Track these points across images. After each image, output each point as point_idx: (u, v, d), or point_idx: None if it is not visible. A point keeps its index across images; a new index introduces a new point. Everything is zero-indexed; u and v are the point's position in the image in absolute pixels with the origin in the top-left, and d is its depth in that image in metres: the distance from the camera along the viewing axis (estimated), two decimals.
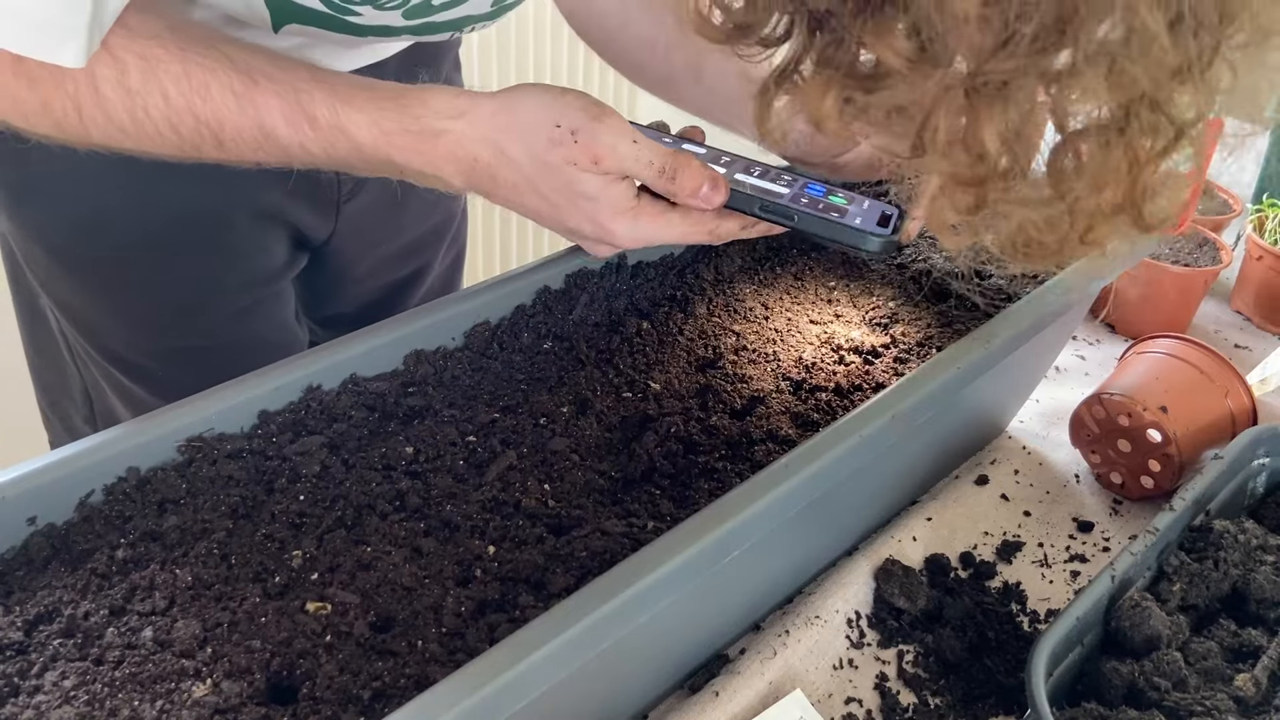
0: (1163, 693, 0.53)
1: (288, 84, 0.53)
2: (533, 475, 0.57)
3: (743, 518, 0.47)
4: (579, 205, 0.56)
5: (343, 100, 0.53)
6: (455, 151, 0.54)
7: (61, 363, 0.85)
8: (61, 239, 0.73)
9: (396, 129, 0.53)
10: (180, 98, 0.52)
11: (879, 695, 0.62)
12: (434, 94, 0.54)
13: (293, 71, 0.53)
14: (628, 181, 0.56)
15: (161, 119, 0.52)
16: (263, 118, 0.53)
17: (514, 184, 0.55)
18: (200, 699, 0.44)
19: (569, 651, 0.41)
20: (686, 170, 0.55)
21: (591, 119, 0.53)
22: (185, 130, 0.53)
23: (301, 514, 0.54)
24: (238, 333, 0.81)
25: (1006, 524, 0.75)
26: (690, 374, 0.66)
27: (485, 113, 0.54)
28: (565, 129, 0.53)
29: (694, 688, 0.60)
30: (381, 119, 0.53)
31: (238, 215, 0.74)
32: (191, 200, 0.70)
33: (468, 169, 0.55)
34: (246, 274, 0.79)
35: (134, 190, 0.70)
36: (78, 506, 0.52)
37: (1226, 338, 0.99)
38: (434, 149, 0.54)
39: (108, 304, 0.77)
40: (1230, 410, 0.75)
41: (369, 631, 0.48)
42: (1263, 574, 0.61)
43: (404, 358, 0.63)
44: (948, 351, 0.60)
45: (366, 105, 0.53)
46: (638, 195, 0.56)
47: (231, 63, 0.52)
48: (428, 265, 0.96)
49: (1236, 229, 1.08)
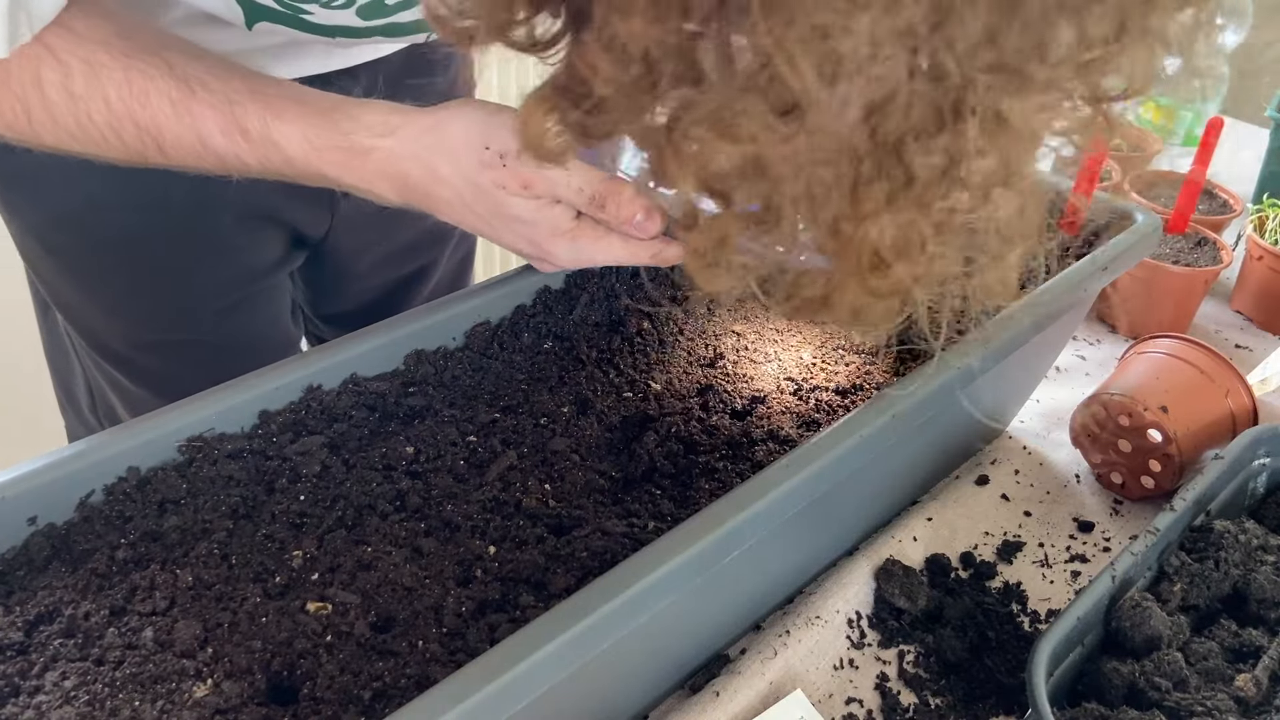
0: (1163, 693, 0.53)
1: (223, 94, 0.52)
2: (533, 475, 0.57)
3: (743, 518, 0.47)
4: (514, 228, 0.55)
5: (274, 113, 0.53)
6: (385, 169, 0.53)
7: (69, 352, 0.85)
8: (49, 229, 0.74)
9: (327, 144, 0.53)
10: (121, 104, 0.52)
11: (879, 695, 0.62)
12: (366, 110, 0.54)
13: (230, 81, 0.53)
14: (563, 205, 0.54)
15: (105, 124, 0.52)
16: (199, 127, 0.52)
17: (449, 201, 0.54)
18: (201, 699, 0.44)
19: (569, 651, 0.41)
20: (617, 199, 0.53)
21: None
22: (128, 137, 0.53)
23: (302, 514, 0.54)
24: (226, 328, 0.81)
25: (1007, 524, 0.75)
26: (691, 374, 0.66)
27: (415, 131, 0.53)
28: (494, 151, 0.52)
29: (694, 688, 0.60)
30: (312, 134, 0.53)
31: (225, 210, 0.74)
32: (177, 194, 0.70)
33: (400, 186, 0.54)
34: (235, 269, 0.79)
35: (119, 182, 0.69)
36: (78, 506, 0.52)
37: (1227, 338, 0.99)
38: (364, 166, 0.53)
39: (95, 295, 0.77)
40: (1231, 410, 0.75)
41: (369, 631, 0.48)
42: (1263, 574, 0.61)
43: (404, 358, 0.63)
44: (948, 352, 0.60)
45: (297, 119, 0.53)
46: (577, 216, 0.55)
47: (171, 70, 0.52)
48: (433, 263, 0.96)
49: (1237, 229, 1.08)
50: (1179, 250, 0.96)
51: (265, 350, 0.84)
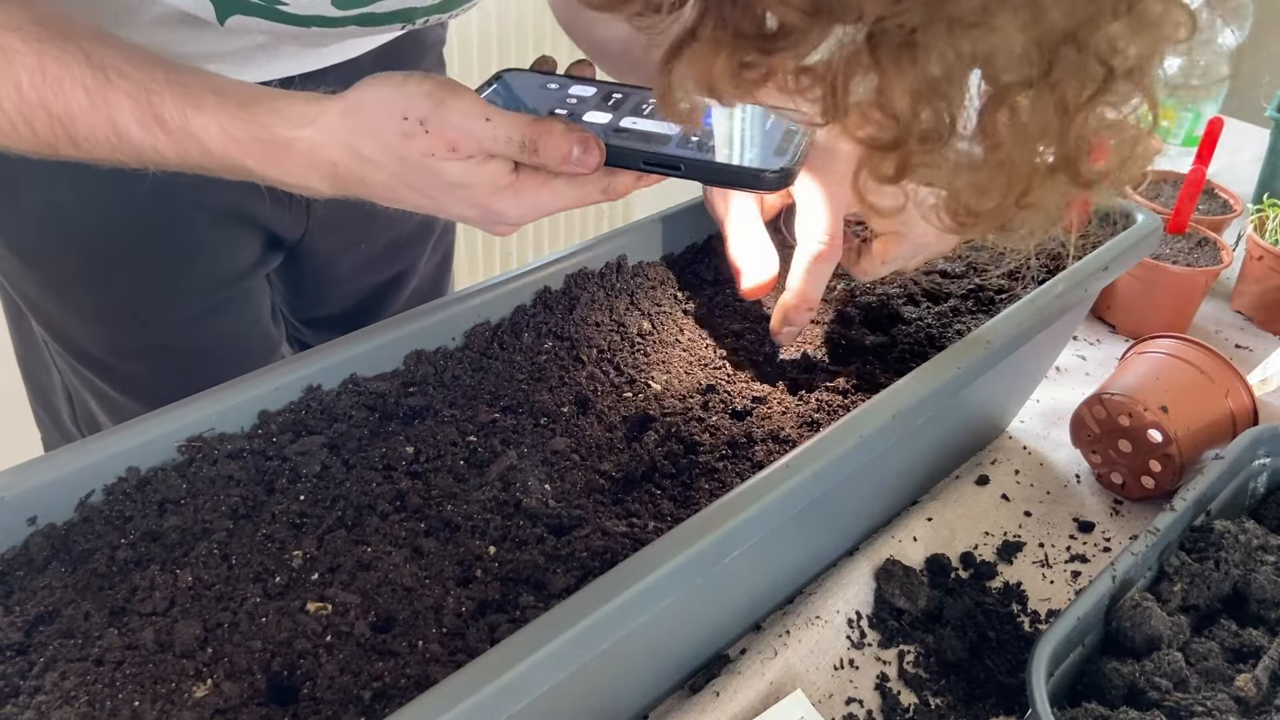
0: (1163, 693, 0.53)
1: (140, 83, 0.50)
2: (533, 475, 0.57)
3: (743, 518, 0.47)
4: (454, 194, 0.53)
5: (192, 104, 0.51)
6: (310, 159, 0.52)
7: (47, 361, 0.85)
8: (22, 235, 0.73)
9: (247, 138, 0.51)
10: (33, 91, 0.50)
11: (880, 695, 0.62)
12: (284, 100, 0.52)
13: (149, 70, 0.51)
14: (498, 159, 0.52)
15: (15, 112, 0.51)
16: (114, 117, 0.51)
17: (384, 183, 0.52)
18: (200, 699, 0.44)
19: (569, 651, 0.41)
20: (548, 139, 0.51)
21: (436, 104, 0.49)
22: (39, 126, 0.51)
23: (302, 514, 0.54)
24: (204, 332, 0.80)
25: (1007, 524, 0.75)
26: (691, 374, 0.66)
27: (334, 116, 0.51)
28: (413, 119, 0.50)
29: (694, 688, 0.60)
30: (230, 125, 0.51)
31: (198, 213, 0.74)
32: (148, 198, 0.68)
33: (330, 175, 0.52)
34: (210, 273, 0.78)
35: (89, 187, 0.69)
36: (78, 506, 0.52)
37: (1227, 338, 0.99)
38: (287, 158, 0.52)
39: (70, 302, 0.77)
40: (1231, 410, 0.75)
41: (369, 631, 0.48)
42: (1263, 574, 0.61)
43: (404, 358, 0.63)
44: (948, 351, 0.60)
45: (216, 111, 0.51)
46: (515, 169, 0.53)
47: (87, 58, 0.50)
48: (411, 268, 0.96)
49: (1237, 229, 1.08)
50: (1179, 250, 0.96)
51: (247, 353, 0.84)
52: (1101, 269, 0.68)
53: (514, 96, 0.58)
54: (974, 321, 0.71)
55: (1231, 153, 1.33)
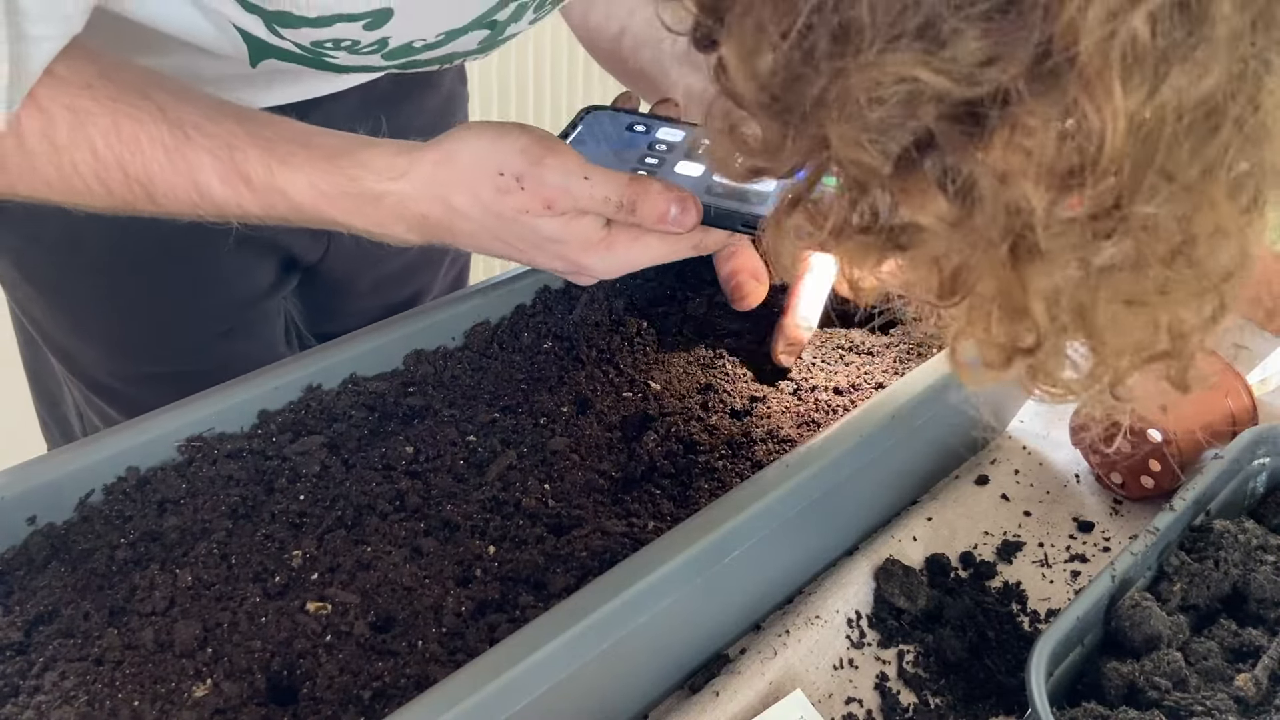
0: (1163, 693, 0.53)
1: (221, 139, 0.50)
2: (533, 475, 0.57)
3: (743, 518, 0.47)
4: (546, 249, 0.53)
5: (279, 160, 0.50)
6: (401, 212, 0.51)
7: (57, 374, 0.84)
8: (34, 261, 0.72)
9: (335, 191, 0.51)
10: (109, 151, 0.49)
11: (879, 695, 0.62)
12: (372, 153, 0.51)
13: (227, 124, 0.50)
14: (591, 215, 0.52)
15: (90, 174, 0.49)
16: (196, 175, 0.50)
17: (473, 233, 0.52)
18: (200, 699, 0.44)
19: (569, 651, 0.41)
20: (646, 199, 0.50)
21: (533, 163, 0.49)
22: (115, 186, 0.50)
23: (301, 514, 0.54)
24: (218, 357, 0.79)
25: (1007, 524, 0.75)
26: (691, 374, 0.66)
27: (426, 169, 0.51)
28: (509, 176, 0.50)
29: (694, 688, 0.60)
30: (319, 180, 0.50)
31: (218, 238, 0.73)
32: (167, 223, 0.69)
33: (419, 225, 0.52)
34: (227, 297, 0.77)
35: (105, 215, 0.68)
36: (78, 506, 0.52)
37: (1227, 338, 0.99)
38: (377, 211, 0.51)
39: (81, 328, 0.76)
40: (1231, 410, 0.75)
41: (369, 631, 0.48)
42: (1263, 574, 0.61)
43: (404, 358, 0.63)
44: (948, 351, 0.60)
45: (304, 165, 0.50)
46: (607, 224, 0.53)
47: (163, 114, 0.49)
48: (427, 287, 0.95)
49: None
50: None
51: None
52: None
53: (600, 140, 0.58)
54: None
55: None
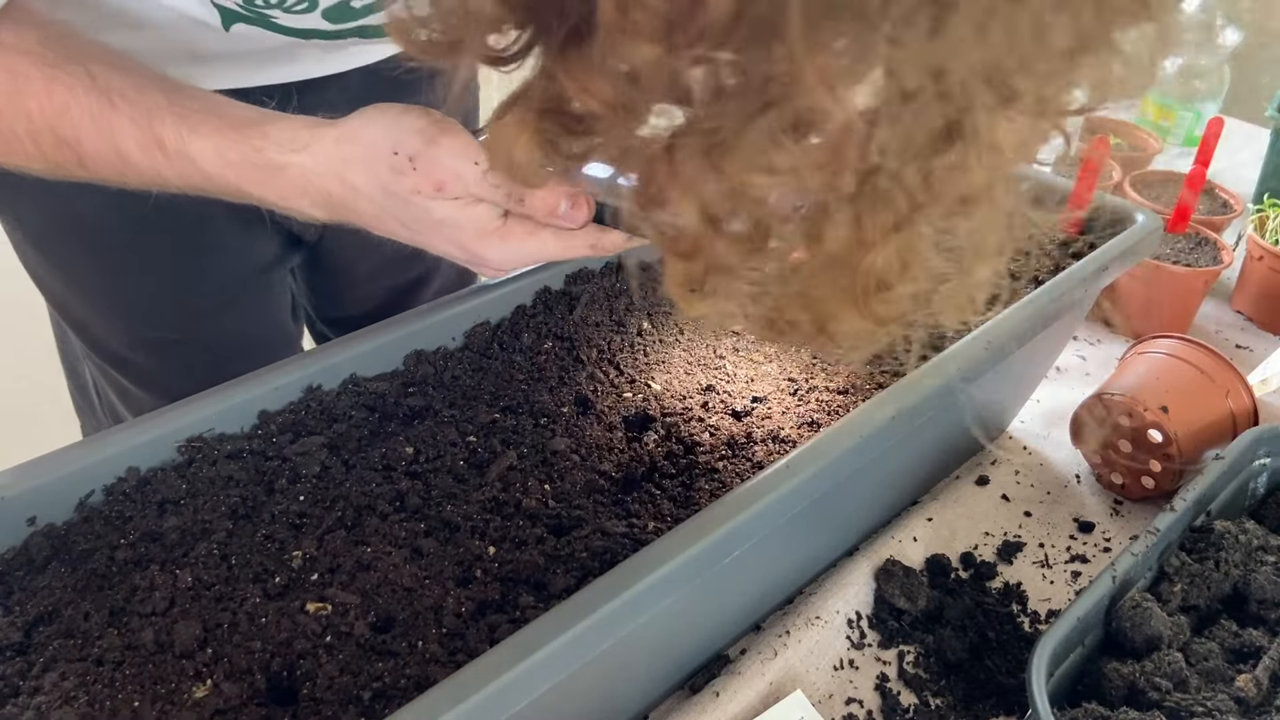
0: (1163, 693, 0.53)
1: (142, 107, 0.50)
2: (533, 475, 0.57)
3: (743, 518, 0.47)
4: (440, 232, 0.52)
5: (190, 127, 0.50)
6: (302, 185, 0.51)
7: (77, 353, 0.86)
8: (37, 227, 0.74)
9: (240, 160, 0.51)
10: (42, 116, 0.50)
11: (879, 696, 0.62)
12: (279, 125, 0.51)
13: (151, 94, 0.51)
14: (486, 203, 0.51)
15: (26, 135, 0.51)
16: (118, 141, 0.51)
17: (374, 214, 0.52)
18: (200, 700, 0.44)
19: (569, 651, 0.41)
20: (536, 193, 0.50)
21: (428, 142, 0.49)
22: (48, 149, 0.51)
23: (301, 514, 0.54)
24: (222, 326, 0.80)
25: (1007, 524, 0.75)
26: (691, 374, 0.66)
27: (328, 144, 0.50)
28: (403, 155, 0.49)
29: (694, 688, 0.60)
30: (226, 148, 0.51)
31: (216, 209, 0.73)
32: (166, 193, 0.70)
33: (324, 202, 0.52)
34: (228, 267, 0.78)
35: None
36: (78, 506, 0.52)
37: (1227, 338, 0.99)
38: (279, 183, 0.51)
39: (85, 293, 0.77)
40: (1231, 410, 0.75)
41: (369, 632, 0.48)
42: (1263, 574, 0.61)
43: (404, 358, 0.63)
44: (948, 351, 0.60)
45: (212, 134, 0.51)
46: (505, 214, 0.52)
47: (93, 82, 0.50)
48: (433, 270, 0.96)
49: (1237, 229, 1.08)
50: (1179, 250, 0.96)
51: (263, 349, 0.84)
52: (1101, 269, 0.67)
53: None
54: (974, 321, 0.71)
55: (1231, 153, 1.33)
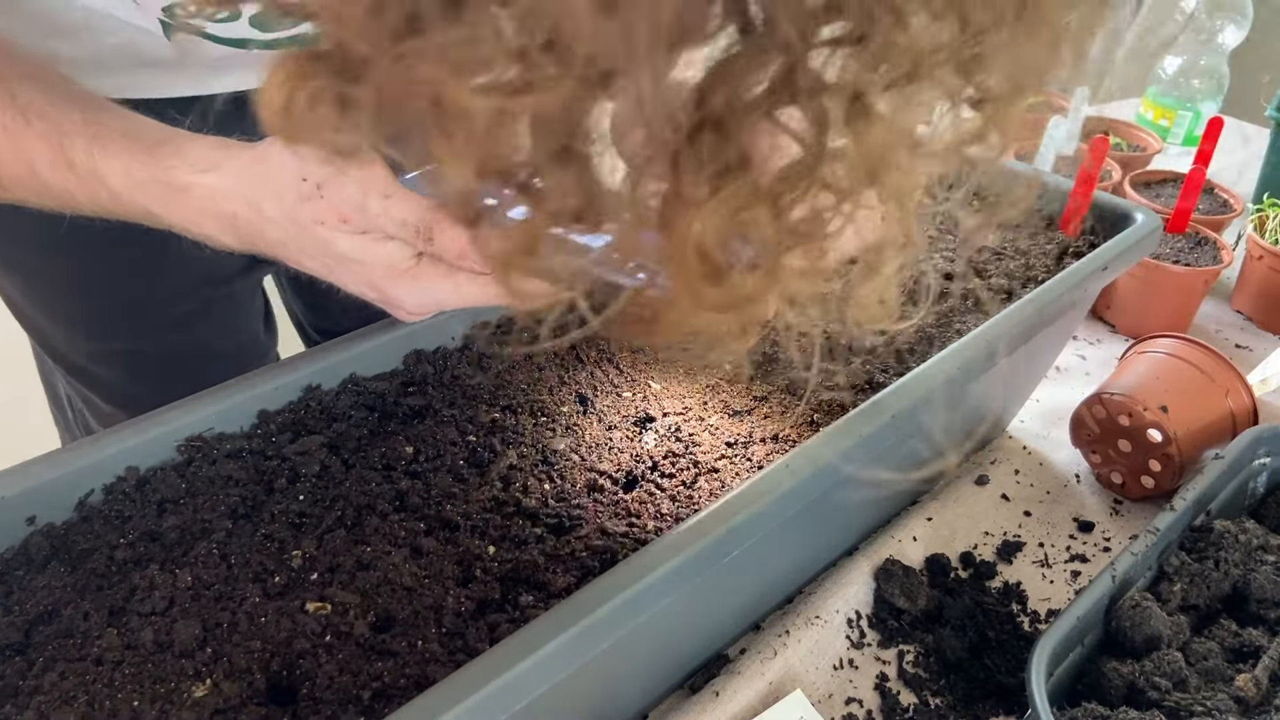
0: (1163, 693, 0.53)
1: (56, 124, 0.48)
2: (533, 475, 0.57)
3: (743, 518, 0.47)
4: (348, 268, 0.48)
5: (100, 145, 0.48)
6: (208, 208, 0.48)
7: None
8: (2, 244, 0.72)
9: (147, 178, 0.48)
10: None
11: (879, 695, 0.62)
12: (193, 144, 0.48)
13: (68, 112, 0.49)
14: (398, 241, 0.47)
15: None
16: (32, 160, 0.48)
17: (282, 243, 0.48)
18: (200, 699, 0.44)
19: (569, 651, 0.41)
20: (444, 230, 0.45)
21: (337, 170, 0.45)
22: None
23: (301, 514, 0.54)
24: (184, 337, 0.77)
25: (1007, 524, 0.75)
26: (690, 374, 0.66)
27: (240, 165, 0.47)
28: (312, 182, 0.45)
29: (694, 688, 0.60)
30: (135, 168, 0.48)
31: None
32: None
33: (230, 227, 0.48)
34: (182, 279, 0.75)
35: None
36: (77, 506, 0.52)
37: (1227, 337, 0.99)
38: (185, 203, 0.48)
39: (44, 303, 0.76)
40: (1231, 410, 0.75)
41: (369, 631, 0.47)
42: (1263, 574, 0.61)
43: (404, 358, 0.63)
44: (948, 351, 0.60)
45: (122, 153, 0.48)
46: (418, 254, 0.48)
47: (13, 100, 0.48)
48: None
49: (1237, 229, 1.08)
50: (1179, 250, 0.96)
51: (229, 361, 0.81)
52: (1101, 269, 0.67)
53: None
54: (974, 321, 0.71)
55: (1231, 153, 1.33)
